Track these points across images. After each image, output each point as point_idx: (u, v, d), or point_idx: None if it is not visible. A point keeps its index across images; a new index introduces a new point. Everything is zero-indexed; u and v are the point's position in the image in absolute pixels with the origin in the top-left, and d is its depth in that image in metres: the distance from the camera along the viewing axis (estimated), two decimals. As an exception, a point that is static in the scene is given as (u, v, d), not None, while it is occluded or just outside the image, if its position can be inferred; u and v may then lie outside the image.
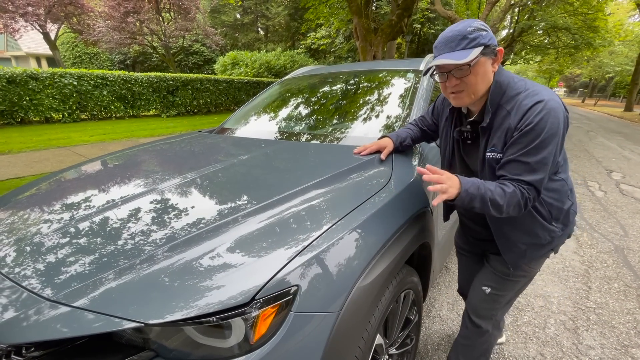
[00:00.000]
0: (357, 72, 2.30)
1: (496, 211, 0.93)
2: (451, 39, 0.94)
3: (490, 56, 0.95)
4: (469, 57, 0.90)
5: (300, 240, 0.84)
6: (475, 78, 0.95)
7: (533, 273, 1.19)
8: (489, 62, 0.96)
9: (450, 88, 1.00)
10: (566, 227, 1.10)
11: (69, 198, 1.24)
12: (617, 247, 2.77)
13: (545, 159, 0.90)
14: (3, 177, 4.08)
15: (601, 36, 15.96)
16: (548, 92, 0.93)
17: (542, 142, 0.89)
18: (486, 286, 1.23)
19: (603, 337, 1.75)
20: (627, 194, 4.17)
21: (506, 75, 1.00)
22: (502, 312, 1.27)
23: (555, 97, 0.92)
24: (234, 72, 15.80)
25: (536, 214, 1.04)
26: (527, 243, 1.09)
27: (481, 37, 0.92)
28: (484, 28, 0.94)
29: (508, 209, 0.92)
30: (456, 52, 0.92)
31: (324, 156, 1.49)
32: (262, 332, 0.70)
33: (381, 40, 8.33)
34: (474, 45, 0.91)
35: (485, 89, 0.99)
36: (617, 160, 6.17)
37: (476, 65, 0.94)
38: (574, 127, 11.43)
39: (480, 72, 0.95)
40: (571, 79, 48.35)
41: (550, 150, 0.90)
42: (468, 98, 1.00)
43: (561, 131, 0.91)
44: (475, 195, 0.91)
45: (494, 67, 0.98)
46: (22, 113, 7.75)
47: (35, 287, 0.77)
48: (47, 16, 14.14)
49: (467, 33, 0.92)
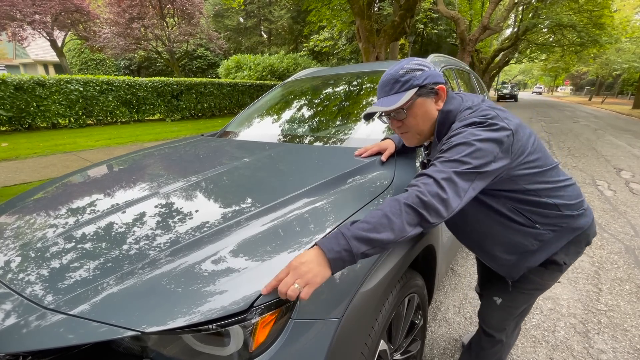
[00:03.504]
0: (360, 73, 2.29)
1: (392, 231, 0.72)
2: (385, 83, 0.94)
3: (428, 96, 0.93)
4: (400, 102, 0.89)
5: (303, 244, 0.82)
6: (415, 120, 0.94)
7: (546, 286, 1.09)
8: (428, 101, 0.93)
9: (396, 130, 1.01)
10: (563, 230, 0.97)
11: (73, 203, 1.24)
12: (627, 247, 2.71)
13: (452, 152, 0.80)
14: (11, 182, 4.13)
15: (607, 33, 15.76)
16: (487, 112, 0.86)
17: (452, 145, 0.82)
18: (497, 297, 1.18)
19: (615, 341, 1.71)
20: (637, 192, 4.09)
21: (456, 105, 0.94)
22: (515, 323, 1.21)
23: (493, 114, 0.85)
24: (237, 76, 15.90)
25: (510, 222, 0.97)
26: (512, 252, 1.01)
27: (414, 79, 0.90)
28: (419, 68, 0.92)
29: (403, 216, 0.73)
30: (389, 97, 0.92)
31: (327, 158, 1.48)
32: (261, 339, 0.69)
33: (384, 42, 8.31)
34: (406, 88, 0.90)
35: (429, 126, 0.97)
36: (627, 158, 6.06)
37: (413, 107, 0.92)
38: (582, 125, 11.29)
39: (419, 113, 0.93)
40: (577, 76, 47.83)
41: (460, 152, 0.79)
42: (414, 138, 1.00)
43: (489, 143, 0.80)
44: (345, 243, 0.69)
45: (438, 104, 0.95)
46: (29, 119, 7.86)
47: (33, 294, 0.76)
48: (54, 24, 14.39)
49: (399, 76, 0.91)
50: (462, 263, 2.47)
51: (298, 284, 0.66)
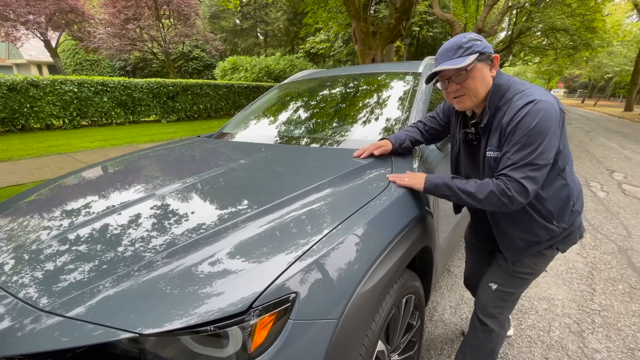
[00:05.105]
0: (356, 75, 2.30)
1: (472, 200, 1.02)
2: (448, 49, 1.04)
3: (486, 62, 1.03)
4: (465, 63, 0.99)
5: (300, 245, 0.82)
6: (474, 82, 1.03)
7: (539, 270, 1.20)
8: (485, 68, 1.04)
9: (452, 93, 1.08)
10: (569, 228, 1.11)
11: (68, 204, 1.23)
12: (620, 248, 2.74)
13: (531, 156, 0.93)
14: (3, 184, 4.08)
15: (599, 37, 15.99)
16: (542, 94, 0.98)
17: (528, 138, 0.93)
18: (493, 282, 1.25)
19: (609, 340, 1.72)
20: (630, 194, 4.15)
21: (506, 79, 1.06)
22: (507, 312, 1.28)
23: (549, 98, 0.97)
24: (233, 77, 15.87)
25: (534, 213, 1.08)
26: (525, 240, 1.13)
27: (475, 46, 1.01)
28: (478, 39, 1.03)
29: (486, 198, 0.99)
30: (453, 60, 1.02)
31: (324, 160, 1.48)
32: (260, 340, 0.68)
33: (380, 44, 8.36)
34: (469, 53, 1.01)
35: (485, 92, 1.06)
36: (619, 160, 6.15)
37: (473, 70, 1.02)
38: (575, 127, 11.42)
39: (478, 76, 1.03)
40: (570, 79, 48.41)
41: (538, 147, 0.93)
42: (470, 101, 1.07)
43: (552, 130, 0.94)
44: (439, 184, 1.08)
45: (492, 72, 1.06)
46: (22, 120, 7.77)
47: (29, 297, 0.75)
48: (48, 24, 14.27)
49: (462, 43, 1.02)
50: (458, 264, 2.49)
51: (408, 178, 1.15)
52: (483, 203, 1.00)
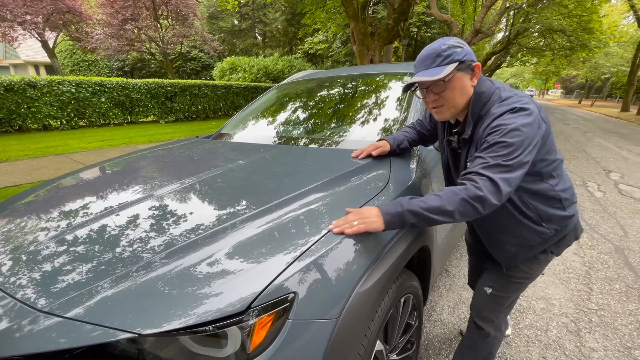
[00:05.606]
0: (354, 76, 2.30)
1: (446, 216, 0.86)
2: (426, 57, 0.98)
3: (466, 72, 0.98)
4: (443, 74, 0.94)
5: (299, 245, 0.83)
6: (453, 93, 0.99)
7: (535, 275, 1.18)
8: (466, 77, 0.99)
9: (431, 103, 1.04)
10: (562, 230, 1.08)
11: (66, 205, 1.23)
12: (617, 247, 2.76)
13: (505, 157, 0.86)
14: (1, 185, 4.06)
15: (596, 38, 16.06)
16: (524, 102, 0.93)
17: (503, 139, 0.88)
18: (487, 287, 1.24)
19: (606, 339, 1.73)
20: (626, 194, 4.17)
21: (488, 87, 1.01)
22: (503, 315, 1.26)
23: (531, 106, 0.92)
24: (232, 78, 15.85)
25: (523, 217, 1.05)
26: (516, 245, 1.10)
27: (455, 54, 0.95)
28: (458, 45, 0.97)
29: (459, 208, 0.85)
30: (431, 69, 0.96)
31: (322, 160, 1.48)
32: (258, 340, 0.69)
33: (378, 44, 8.37)
34: (448, 62, 0.95)
35: (464, 102, 1.02)
36: (615, 160, 6.18)
37: (452, 81, 0.97)
38: (572, 128, 11.48)
39: (457, 86, 0.98)
40: (567, 80, 48.62)
41: (513, 150, 0.86)
42: (448, 112, 1.03)
43: (530, 134, 0.88)
44: (401, 211, 0.87)
45: (473, 81, 1.01)
46: (20, 121, 7.73)
47: (27, 297, 0.75)
48: (45, 24, 14.19)
49: (441, 51, 0.96)
50: (457, 264, 2.50)
51: (357, 222, 0.87)
52: (455, 215, 0.86)
